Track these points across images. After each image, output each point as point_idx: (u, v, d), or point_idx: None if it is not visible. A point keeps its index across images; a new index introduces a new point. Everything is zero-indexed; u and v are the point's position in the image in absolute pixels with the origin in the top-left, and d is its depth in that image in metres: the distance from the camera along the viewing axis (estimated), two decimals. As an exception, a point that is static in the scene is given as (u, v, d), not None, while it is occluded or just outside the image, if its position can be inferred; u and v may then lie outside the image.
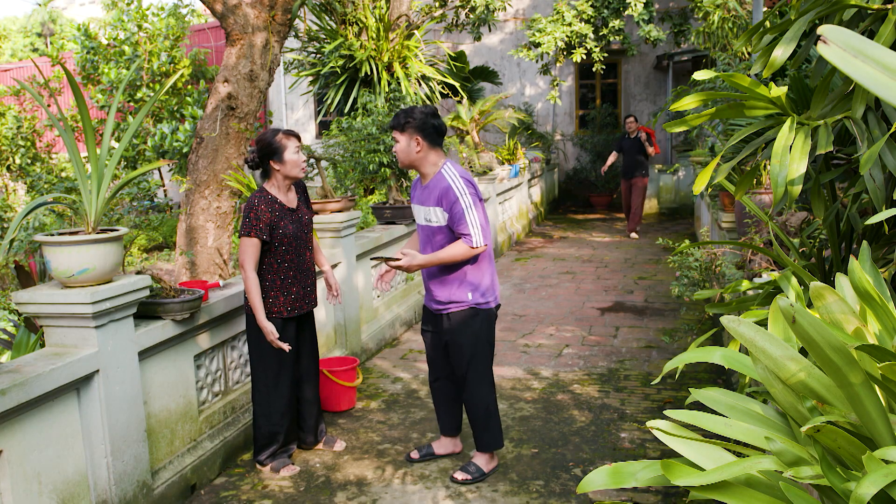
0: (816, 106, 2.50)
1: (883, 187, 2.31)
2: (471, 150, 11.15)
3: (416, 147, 3.87)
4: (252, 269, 3.96)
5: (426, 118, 3.85)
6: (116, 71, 11.32)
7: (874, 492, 1.27)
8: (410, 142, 3.87)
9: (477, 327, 3.95)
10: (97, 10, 24.44)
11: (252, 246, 3.96)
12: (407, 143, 3.88)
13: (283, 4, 5.49)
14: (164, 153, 10.48)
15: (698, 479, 1.48)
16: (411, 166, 3.96)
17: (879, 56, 1.11)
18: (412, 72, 11.00)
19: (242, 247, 3.97)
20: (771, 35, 2.73)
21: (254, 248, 3.96)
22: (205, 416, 4.19)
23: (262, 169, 4.11)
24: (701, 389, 1.87)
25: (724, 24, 9.35)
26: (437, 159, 3.91)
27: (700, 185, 2.64)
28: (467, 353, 3.96)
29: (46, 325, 3.36)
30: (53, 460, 3.14)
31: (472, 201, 3.79)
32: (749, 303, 3.03)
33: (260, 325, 3.97)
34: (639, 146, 11.62)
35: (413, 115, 3.86)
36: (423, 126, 3.84)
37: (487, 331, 3.99)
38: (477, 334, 3.95)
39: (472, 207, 3.78)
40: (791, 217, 4.49)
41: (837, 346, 1.47)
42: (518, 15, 16.20)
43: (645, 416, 4.75)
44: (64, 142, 3.52)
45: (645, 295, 8.04)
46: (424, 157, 3.89)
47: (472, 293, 3.91)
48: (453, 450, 4.31)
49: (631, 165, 11.79)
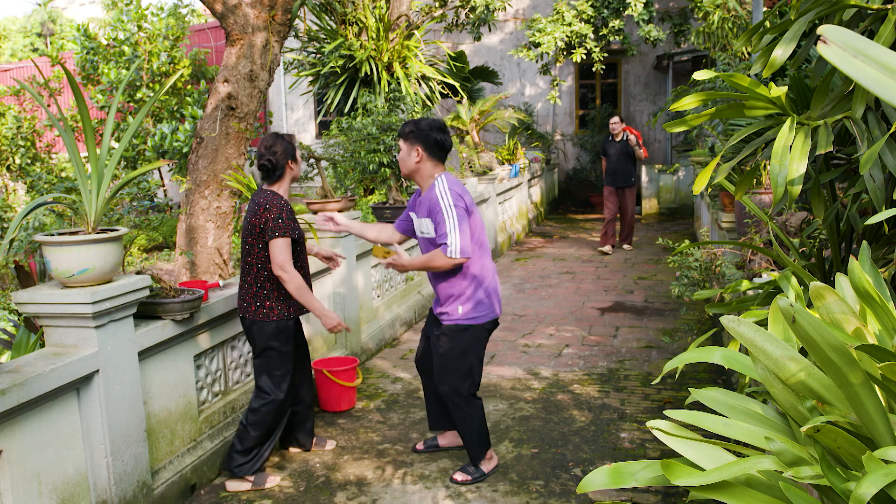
0: (816, 106, 2.50)
1: (883, 187, 2.31)
2: (471, 150, 11.15)
3: (416, 157, 3.87)
4: (294, 269, 3.92)
5: (430, 131, 3.85)
6: (116, 71, 11.31)
7: (874, 492, 1.27)
8: (411, 151, 3.88)
9: (463, 343, 3.88)
10: (97, 10, 24.44)
11: (288, 246, 3.90)
12: (407, 153, 3.89)
13: (283, 4, 5.49)
14: (164, 153, 10.47)
15: (698, 479, 1.48)
16: (409, 176, 3.96)
17: (879, 56, 1.11)
18: (412, 72, 11.00)
19: (279, 248, 3.87)
20: (771, 35, 2.73)
21: (289, 248, 3.91)
22: (205, 416, 4.19)
23: (278, 171, 4.03)
24: (701, 389, 1.86)
25: (723, 24, 9.35)
26: (434, 172, 3.90)
27: (700, 185, 2.64)
28: (448, 366, 3.91)
29: (46, 325, 3.36)
30: (53, 460, 3.14)
31: (456, 214, 3.72)
32: (749, 303, 3.03)
33: (323, 313, 4.00)
34: (626, 149, 10.43)
35: (418, 126, 3.86)
36: (425, 138, 3.84)
37: (475, 348, 3.93)
38: (462, 350, 3.89)
39: (456, 220, 3.72)
40: (791, 217, 4.49)
41: (837, 346, 1.47)
42: (518, 15, 16.20)
43: (645, 416, 4.75)
44: (64, 142, 3.52)
45: (645, 295, 8.04)
46: (421, 169, 3.89)
47: (462, 307, 3.86)
48: (458, 442, 4.30)
49: (619, 171, 10.53)
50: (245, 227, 3.99)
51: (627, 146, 10.36)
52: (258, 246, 3.95)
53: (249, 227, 3.95)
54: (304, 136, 17.31)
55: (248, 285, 4.02)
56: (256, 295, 3.99)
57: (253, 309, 3.99)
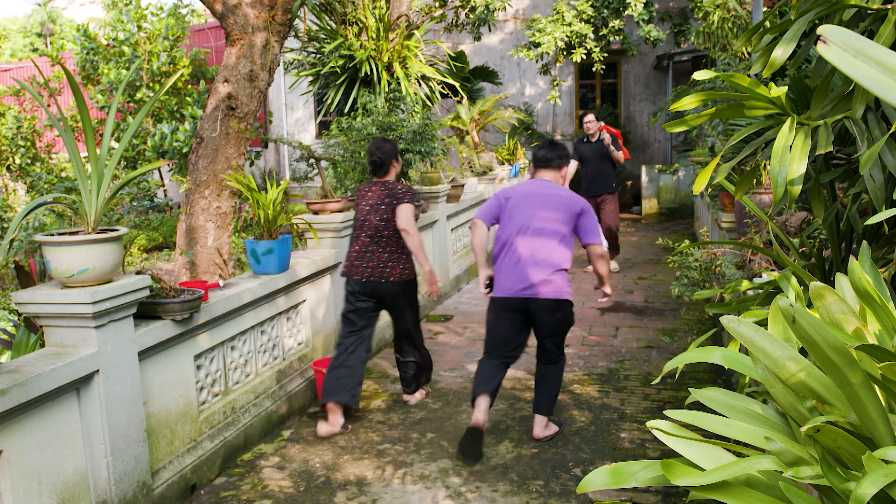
0: (816, 106, 2.50)
1: (883, 187, 2.31)
2: (471, 150, 11.15)
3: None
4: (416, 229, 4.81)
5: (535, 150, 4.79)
6: (116, 71, 11.32)
7: (874, 492, 1.27)
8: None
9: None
10: (97, 11, 24.45)
11: (413, 211, 4.82)
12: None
13: (283, 4, 5.49)
14: (164, 153, 10.48)
15: (698, 479, 1.48)
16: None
17: (879, 56, 1.11)
18: (412, 72, 11.00)
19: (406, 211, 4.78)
20: (771, 35, 2.73)
21: (413, 213, 4.84)
22: (205, 417, 4.19)
23: (385, 166, 4.90)
24: (701, 389, 1.86)
25: (723, 24, 9.35)
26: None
27: (700, 185, 2.64)
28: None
29: (46, 325, 3.36)
30: (53, 460, 3.14)
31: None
32: (749, 303, 3.03)
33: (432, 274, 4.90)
34: (604, 151, 8.92)
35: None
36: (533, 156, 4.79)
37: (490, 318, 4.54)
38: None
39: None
40: (791, 217, 4.49)
41: (837, 346, 1.47)
42: (518, 15, 16.20)
43: (645, 416, 4.75)
44: (64, 142, 3.52)
45: (645, 295, 8.04)
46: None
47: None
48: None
49: (597, 177, 9.01)
50: (379, 207, 4.82)
51: (603, 147, 8.93)
52: (394, 219, 4.80)
53: (384, 205, 4.82)
54: (304, 136, 17.30)
55: (387, 255, 4.82)
56: (397, 261, 4.83)
57: (397, 272, 4.82)
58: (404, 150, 6.88)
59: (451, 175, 9.70)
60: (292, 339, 5.17)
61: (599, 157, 8.93)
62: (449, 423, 4.77)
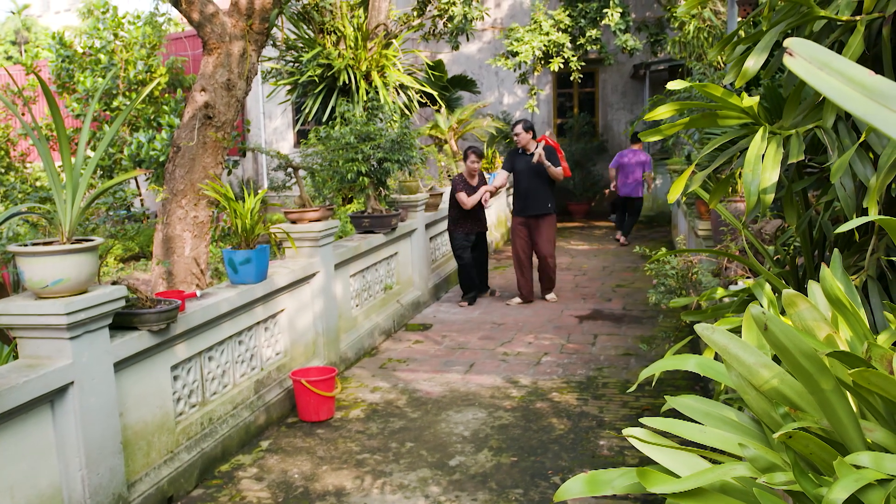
0: (788, 115, 2.53)
1: (854, 195, 2.34)
2: (449, 159, 11.17)
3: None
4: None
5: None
6: (92, 79, 11.23)
7: (845, 496, 1.29)
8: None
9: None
10: (73, 19, 24.21)
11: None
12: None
13: (261, 13, 5.48)
14: (141, 162, 10.39)
15: (674, 487, 1.49)
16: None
17: (844, 69, 1.14)
18: (390, 81, 11.02)
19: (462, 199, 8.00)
20: (744, 45, 2.76)
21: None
22: (182, 428, 4.15)
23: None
24: (677, 397, 1.88)
25: (699, 34, 9.46)
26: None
27: (675, 193, 2.66)
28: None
29: (20, 336, 3.32)
30: (27, 473, 3.10)
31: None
32: (724, 310, 3.06)
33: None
34: (538, 167, 7.75)
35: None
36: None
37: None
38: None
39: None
40: (766, 224, 4.55)
41: (809, 352, 1.49)
42: (496, 24, 16.27)
43: (623, 424, 4.77)
44: (38, 151, 3.49)
45: (623, 303, 8.08)
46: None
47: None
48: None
49: (530, 195, 7.89)
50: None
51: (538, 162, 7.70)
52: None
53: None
54: (282, 145, 17.24)
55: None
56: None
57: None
58: (382, 160, 6.88)
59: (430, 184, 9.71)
60: (270, 349, 5.14)
61: (533, 172, 7.82)
62: (428, 432, 4.76)
